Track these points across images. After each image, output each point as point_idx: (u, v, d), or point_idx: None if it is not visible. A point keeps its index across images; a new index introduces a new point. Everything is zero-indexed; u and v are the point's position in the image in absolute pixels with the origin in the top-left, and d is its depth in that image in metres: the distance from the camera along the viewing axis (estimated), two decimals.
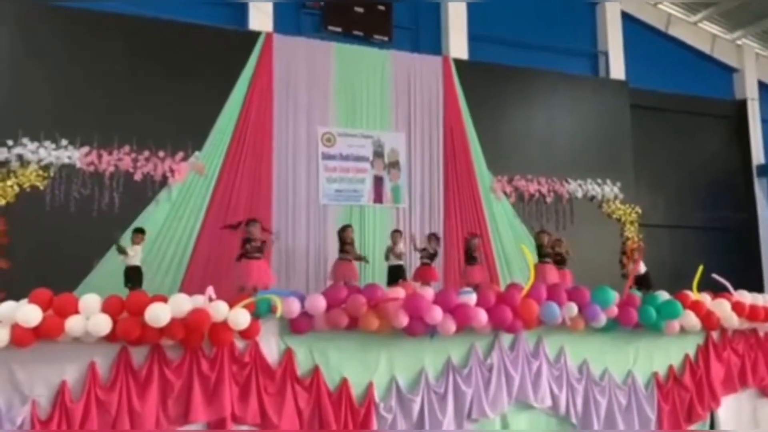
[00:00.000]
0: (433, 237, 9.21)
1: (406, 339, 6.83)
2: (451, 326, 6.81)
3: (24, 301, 5.71)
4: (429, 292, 7.17)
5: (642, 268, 9.23)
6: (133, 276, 7.28)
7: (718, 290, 8.41)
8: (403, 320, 6.63)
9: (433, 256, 9.03)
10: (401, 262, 8.67)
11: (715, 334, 8.31)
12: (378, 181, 10.74)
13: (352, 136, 10.64)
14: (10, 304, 5.66)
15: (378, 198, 10.68)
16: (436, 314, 6.71)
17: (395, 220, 10.59)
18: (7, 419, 5.50)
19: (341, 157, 10.53)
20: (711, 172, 13.60)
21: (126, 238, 7.65)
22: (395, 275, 8.45)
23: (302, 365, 6.53)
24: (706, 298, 8.19)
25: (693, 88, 13.60)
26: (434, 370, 7.00)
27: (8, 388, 5.59)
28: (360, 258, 8.71)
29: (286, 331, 6.54)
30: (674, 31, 13.98)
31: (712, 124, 13.86)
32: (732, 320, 8.18)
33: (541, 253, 9.07)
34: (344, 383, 6.59)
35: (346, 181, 10.51)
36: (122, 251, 7.29)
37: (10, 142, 8.71)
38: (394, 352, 6.88)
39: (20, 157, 8.73)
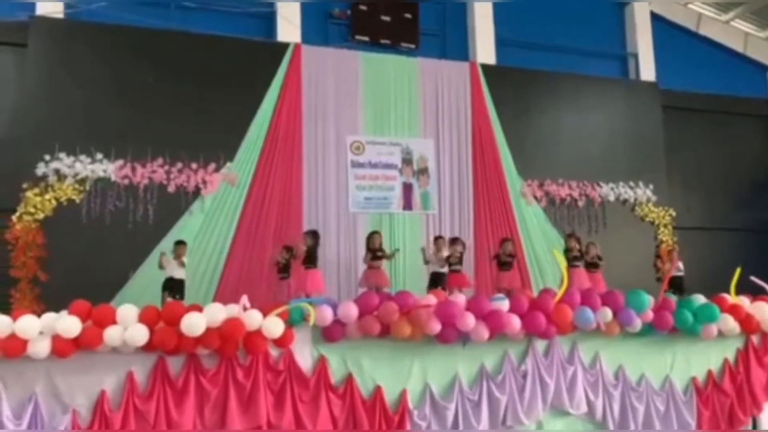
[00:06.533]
0: (458, 241, 9.14)
1: (439, 346, 6.81)
2: (484, 333, 6.77)
3: (63, 313, 5.83)
4: (461, 299, 7.14)
5: (679, 269, 9.13)
6: (174, 288, 7.48)
7: (757, 293, 8.23)
8: (436, 327, 6.61)
9: (460, 261, 8.97)
10: (444, 270, 8.65)
11: (755, 338, 8.13)
12: (407, 188, 10.74)
13: (380, 143, 10.68)
14: (50, 316, 5.78)
15: (407, 205, 10.68)
16: (469, 321, 6.68)
17: (425, 226, 10.59)
18: (50, 428, 5.61)
19: (370, 164, 10.57)
20: (746, 172, 13.33)
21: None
22: (437, 282, 8.43)
23: (336, 373, 6.55)
24: (744, 302, 8.03)
25: (725, 87, 13.36)
26: (468, 377, 6.97)
27: (50, 398, 5.70)
28: (392, 255, 8.69)
29: (319, 339, 6.57)
30: (705, 31, 13.77)
31: (745, 124, 13.59)
32: None
33: (571, 258, 8.96)
34: (378, 390, 6.59)
35: (375, 188, 10.54)
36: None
37: (47, 157, 8.91)
38: (427, 359, 6.86)
39: (57, 171, 8.94)
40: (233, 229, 9.48)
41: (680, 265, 9.59)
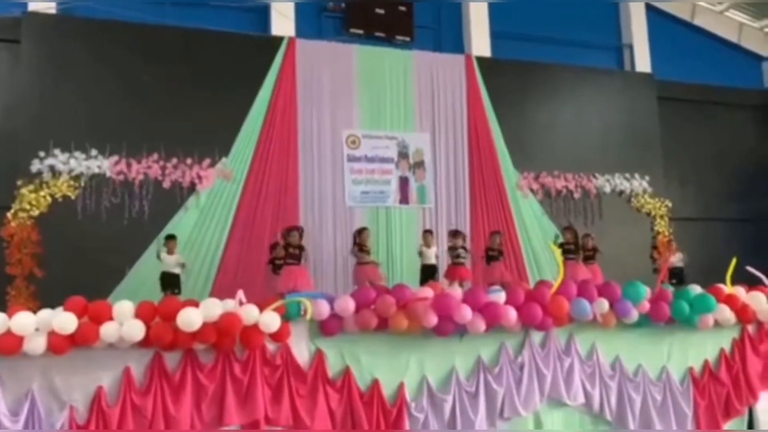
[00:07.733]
0: (459, 234, 9.14)
1: (436, 339, 6.81)
2: (481, 325, 6.78)
3: (59, 309, 5.81)
4: (458, 292, 7.15)
5: (680, 261, 9.15)
6: (170, 282, 7.47)
7: (753, 283, 8.25)
8: (433, 320, 6.62)
9: (459, 255, 8.96)
10: (434, 262, 8.65)
11: (751, 328, 8.16)
12: (403, 182, 10.74)
13: (376, 137, 10.66)
14: (46, 312, 5.75)
15: (404, 199, 10.68)
16: (466, 313, 6.69)
17: (422, 220, 10.59)
18: (47, 425, 5.60)
19: (366, 158, 10.55)
20: (741, 162, 13.34)
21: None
22: (428, 275, 8.44)
23: (333, 367, 6.55)
24: (740, 291, 8.05)
25: (720, 78, 13.35)
26: (465, 370, 6.97)
27: (47, 395, 5.68)
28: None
29: (316, 333, 6.56)
30: (700, 21, 13.77)
31: (741, 114, 13.60)
32: None
33: (566, 251, 8.95)
34: (375, 384, 6.59)
35: (371, 182, 10.53)
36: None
37: (42, 154, 8.88)
38: (424, 352, 6.86)
39: (52, 168, 8.91)
40: (229, 225, 9.47)
41: (682, 256, 9.63)
